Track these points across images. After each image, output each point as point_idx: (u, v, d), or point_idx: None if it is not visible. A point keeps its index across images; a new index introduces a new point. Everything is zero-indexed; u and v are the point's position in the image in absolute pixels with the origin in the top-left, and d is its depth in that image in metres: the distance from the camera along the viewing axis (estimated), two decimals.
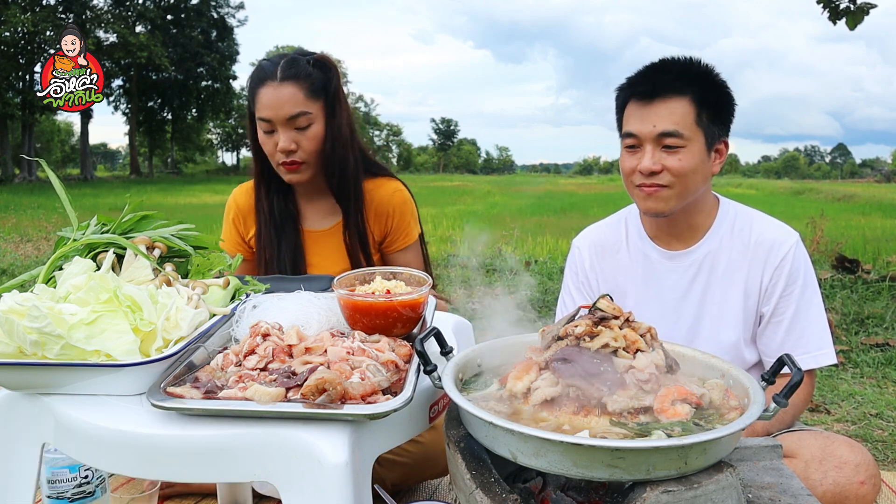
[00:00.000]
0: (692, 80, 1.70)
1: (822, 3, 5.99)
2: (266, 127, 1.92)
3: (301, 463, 0.95)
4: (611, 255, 1.95)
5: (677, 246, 1.85)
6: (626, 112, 1.76)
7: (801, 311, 1.75)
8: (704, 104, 1.69)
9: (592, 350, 1.08)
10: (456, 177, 50.93)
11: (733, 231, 1.81)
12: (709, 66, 1.74)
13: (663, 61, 1.76)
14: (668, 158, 1.68)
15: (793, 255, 1.76)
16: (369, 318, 1.25)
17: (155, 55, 39.29)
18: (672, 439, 0.93)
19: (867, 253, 7.14)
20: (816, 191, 25.62)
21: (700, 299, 1.82)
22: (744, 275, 1.78)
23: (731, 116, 1.77)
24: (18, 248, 8.52)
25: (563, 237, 9.26)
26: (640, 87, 1.72)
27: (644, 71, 1.76)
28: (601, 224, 2.03)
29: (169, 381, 1.04)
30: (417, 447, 1.85)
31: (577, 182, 43.03)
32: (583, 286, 1.99)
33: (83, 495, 1.76)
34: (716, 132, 1.73)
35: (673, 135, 1.67)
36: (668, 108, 1.68)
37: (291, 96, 1.89)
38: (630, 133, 1.73)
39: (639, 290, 1.89)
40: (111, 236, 1.37)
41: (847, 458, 1.53)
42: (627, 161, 1.76)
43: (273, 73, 1.91)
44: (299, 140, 1.91)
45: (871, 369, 3.66)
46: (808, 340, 1.74)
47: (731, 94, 1.75)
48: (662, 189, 1.70)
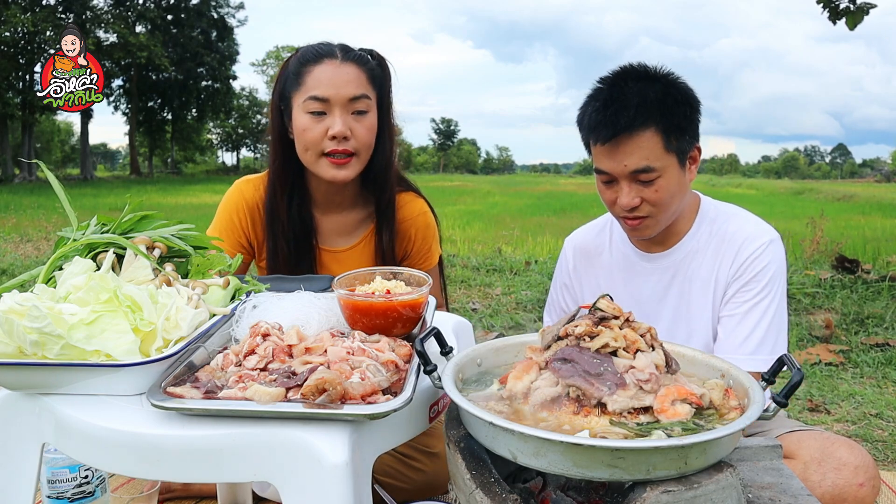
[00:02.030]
0: (653, 108, 1.61)
1: (822, 3, 6.00)
2: (318, 107, 1.72)
3: (301, 463, 0.95)
4: (594, 259, 1.96)
5: (656, 249, 1.85)
6: (593, 149, 1.70)
7: (755, 310, 1.69)
8: (670, 128, 1.62)
9: (592, 350, 1.08)
10: (456, 177, 50.94)
11: (711, 231, 1.80)
12: (668, 77, 1.67)
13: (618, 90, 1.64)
14: (644, 191, 1.66)
15: (763, 251, 1.71)
16: (369, 318, 1.25)
17: (155, 55, 39.28)
18: (672, 439, 0.93)
19: (867, 253, 7.14)
20: (816, 191, 25.62)
21: (677, 300, 1.83)
22: (714, 271, 1.76)
23: (699, 119, 1.70)
24: (18, 248, 8.52)
25: (563, 237, 9.24)
26: (602, 131, 1.63)
27: (601, 108, 1.64)
28: (588, 227, 2.04)
29: (169, 381, 1.04)
30: (420, 476, 1.82)
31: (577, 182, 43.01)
32: (565, 288, 2.03)
33: (83, 495, 1.76)
34: (685, 147, 1.68)
35: (645, 171, 1.63)
36: (636, 145, 1.61)
37: (355, 76, 1.74)
38: (601, 171, 1.70)
39: (619, 292, 1.89)
40: (111, 236, 1.37)
41: (846, 460, 1.52)
42: (606, 194, 1.74)
43: (332, 52, 1.76)
44: (354, 127, 1.74)
45: (871, 369, 3.66)
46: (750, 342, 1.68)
47: (693, 97, 1.68)
48: (645, 219, 1.70)
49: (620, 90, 1.64)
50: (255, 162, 68.97)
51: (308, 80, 1.75)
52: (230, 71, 49.92)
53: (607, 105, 1.64)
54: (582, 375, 1.04)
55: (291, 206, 1.87)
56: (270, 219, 1.89)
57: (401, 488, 1.81)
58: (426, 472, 1.83)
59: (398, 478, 1.80)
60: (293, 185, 1.86)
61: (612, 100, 1.63)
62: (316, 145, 1.75)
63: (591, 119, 1.66)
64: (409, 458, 1.82)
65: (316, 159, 1.77)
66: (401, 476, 1.81)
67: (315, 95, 1.73)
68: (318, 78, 1.73)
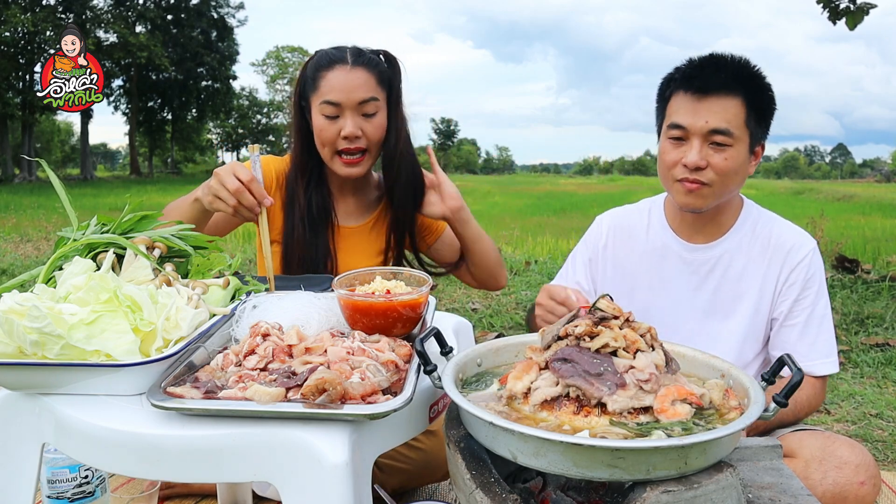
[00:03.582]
0: (745, 81, 1.69)
1: (822, 3, 5.99)
2: (331, 111, 1.87)
3: (301, 463, 0.95)
4: (629, 240, 1.94)
5: (698, 240, 1.85)
6: (673, 102, 1.74)
7: (813, 317, 1.76)
8: (753, 106, 1.69)
9: (592, 350, 1.08)
10: (456, 177, 50.89)
11: (754, 232, 1.82)
12: (759, 70, 1.73)
13: (716, 57, 1.73)
14: (714, 156, 1.67)
15: (810, 259, 1.78)
16: (369, 318, 1.25)
17: (155, 55, 39.30)
18: (672, 439, 0.93)
19: (867, 253, 7.14)
20: (816, 191, 25.62)
21: (712, 295, 1.83)
22: (760, 275, 1.79)
23: (772, 121, 1.77)
24: (18, 248, 8.52)
25: (563, 237, 9.26)
26: (695, 81, 1.70)
27: (698, 64, 1.73)
28: (627, 208, 2.03)
29: (169, 381, 1.04)
30: (418, 454, 1.84)
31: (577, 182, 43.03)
32: (590, 263, 1.99)
33: (83, 495, 1.76)
34: (759, 134, 1.73)
35: (723, 132, 1.66)
36: (722, 106, 1.67)
37: (364, 81, 1.88)
38: (678, 125, 1.70)
39: (651, 278, 1.89)
40: (111, 236, 1.37)
41: (847, 459, 1.53)
42: (670, 153, 1.73)
43: (343, 57, 1.89)
44: (364, 127, 1.88)
45: (871, 369, 3.66)
46: (819, 347, 1.76)
47: (774, 98, 1.75)
48: (703, 187, 1.70)
49: (720, 57, 1.73)
50: None
51: (322, 84, 1.88)
52: (230, 71, 49.94)
53: (706, 63, 1.72)
54: (582, 375, 1.04)
55: (309, 189, 2.01)
56: (290, 201, 2.02)
57: (400, 469, 1.82)
58: (425, 450, 1.85)
59: (397, 458, 1.81)
60: (312, 170, 2.01)
61: (712, 60, 1.72)
62: (331, 144, 1.90)
63: (686, 71, 1.74)
64: None
65: (331, 157, 1.93)
66: (399, 456, 1.81)
67: (328, 100, 1.87)
68: (330, 83, 1.87)
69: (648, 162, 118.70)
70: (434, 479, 1.94)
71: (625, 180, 47.88)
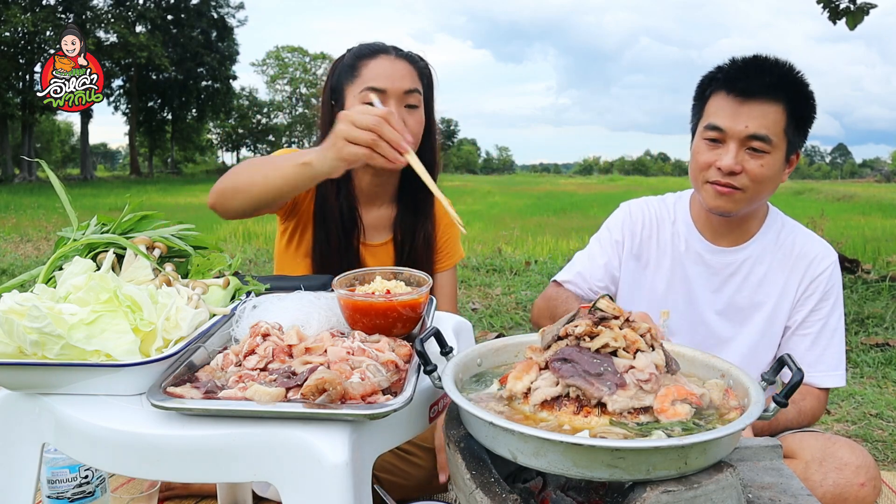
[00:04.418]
0: (787, 87, 1.65)
1: (822, 3, 5.99)
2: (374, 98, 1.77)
3: (301, 463, 0.95)
4: (656, 228, 1.92)
5: (722, 243, 1.84)
6: (712, 102, 1.70)
7: (826, 329, 1.77)
8: (794, 114, 1.66)
9: (592, 350, 1.08)
10: (456, 177, 50.90)
11: (778, 240, 1.82)
12: (802, 76, 1.70)
13: (760, 60, 1.69)
14: (750, 161, 1.65)
15: (830, 272, 1.78)
16: (369, 318, 1.25)
17: (155, 55, 39.30)
18: (672, 439, 0.93)
19: (867, 253, 7.14)
20: (816, 191, 25.61)
21: (731, 297, 1.83)
22: (781, 283, 1.79)
23: (810, 129, 1.74)
24: (18, 248, 8.52)
25: (563, 237, 9.26)
26: (739, 84, 1.66)
27: (742, 66, 1.69)
28: (651, 199, 2.00)
29: (169, 381, 1.04)
30: (419, 471, 1.83)
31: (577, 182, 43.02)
32: (617, 245, 1.94)
33: (83, 495, 1.76)
34: (796, 143, 1.70)
35: (762, 139, 1.63)
36: (763, 111, 1.63)
37: (409, 71, 1.82)
38: (716, 126, 1.67)
39: (673, 272, 1.88)
40: (111, 236, 1.37)
41: (847, 460, 1.53)
42: (705, 154, 1.70)
43: (386, 48, 1.84)
44: (406, 120, 1.78)
45: (871, 369, 3.66)
46: (827, 359, 1.76)
47: (815, 107, 1.71)
48: (736, 192, 1.67)
49: (765, 60, 1.69)
50: None
51: (364, 72, 1.81)
52: (230, 71, 49.95)
53: (749, 65, 1.68)
54: (582, 375, 1.04)
55: (339, 199, 1.93)
56: (321, 213, 1.94)
57: (399, 484, 1.81)
58: (424, 467, 1.83)
59: (396, 473, 1.81)
60: (340, 180, 1.89)
61: (756, 63, 1.68)
62: None
63: (731, 71, 1.69)
64: (408, 454, 1.82)
65: None
66: (399, 472, 1.81)
67: (373, 86, 1.78)
68: (374, 70, 1.80)
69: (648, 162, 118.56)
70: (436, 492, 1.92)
71: (625, 180, 47.89)
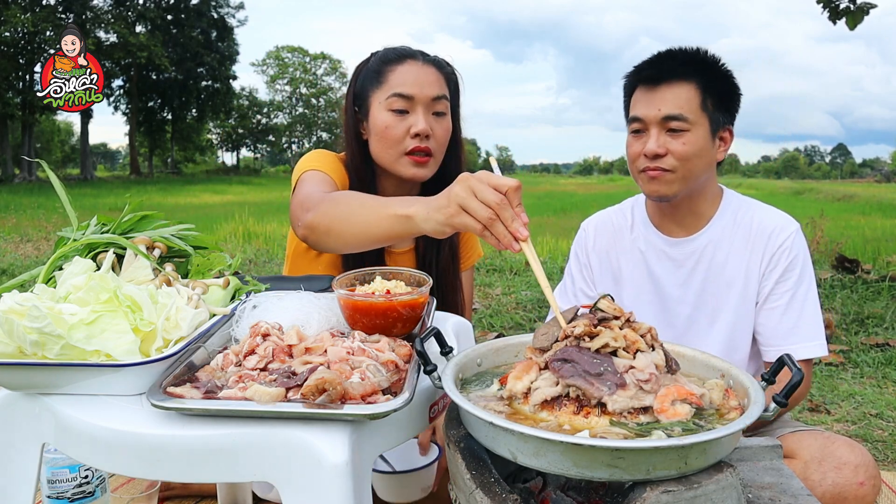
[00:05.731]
0: (698, 67, 1.74)
1: (822, 3, 5.99)
2: (402, 105, 1.74)
3: (301, 463, 0.95)
4: (615, 239, 1.97)
5: (679, 233, 1.87)
6: (633, 97, 1.80)
7: (796, 299, 1.76)
8: (709, 90, 1.72)
9: (592, 350, 1.08)
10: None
11: (735, 220, 1.83)
12: (715, 56, 1.78)
13: (670, 50, 1.80)
14: (672, 142, 1.71)
15: (792, 241, 1.78)
16: (369, 318, 1.25)
17: (155, 55, 39.29)
18: (672, 439, 0.93)
19: (867, 253, 7.14)
20: (816, 191, 25.62)
21: (701, 286, 1.84)
22: (744, 262, 1.80)
23: (737, 105, 1.80)
24: (18, 248, 8.52)
25: (563, 237, 9.25)
26: (646, 72, 1.76)
27: (651, 58, 1.80)
28: (609, 210, 2.06)
29: (169, 381, 1.04)
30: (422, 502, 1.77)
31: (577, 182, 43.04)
32: (584, 268, 2.02)
33: (83, 495, 1.76)
34: (720, 119, 1.75)
35: (677, 118, 1.70)
36: (674, 93, 1.71)
37: (436, 78, 1.79)
38: (636, 117, 1.76)
39: (640, 276, 1.91)
40: (111, 236, 1.37)
41: (846, 459, 1.53)
42: (633, 146, 1.78)
43: (413, 53, 1.80)
44: (434, 127, 1.76)
45: (871, 369, 3.66)
46: (802, 330, 1.74)
47: (735, 84, 1.78)
48: (666, 173, 1.73)
49: (672, 49, 1.80)
50: (255, 162, 69.01)
51: (391, 77, 1.77)
52: (230, 71, 49.94)
53: (659, 55, 1.80)
54: (582, 375, 1.04)
55: None
56: None
57: None
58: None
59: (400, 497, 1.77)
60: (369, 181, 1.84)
61: (666, 53, 1.80)
62: (398, 143, 1.75)
63: (641, 64, 1.80)
64: None
65: (397, 157, 1.77)
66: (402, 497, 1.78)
67: (400, 92, 1.74)
68: (402, 76, 1.76)
69: None
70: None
71: (625, 180, 47.85)
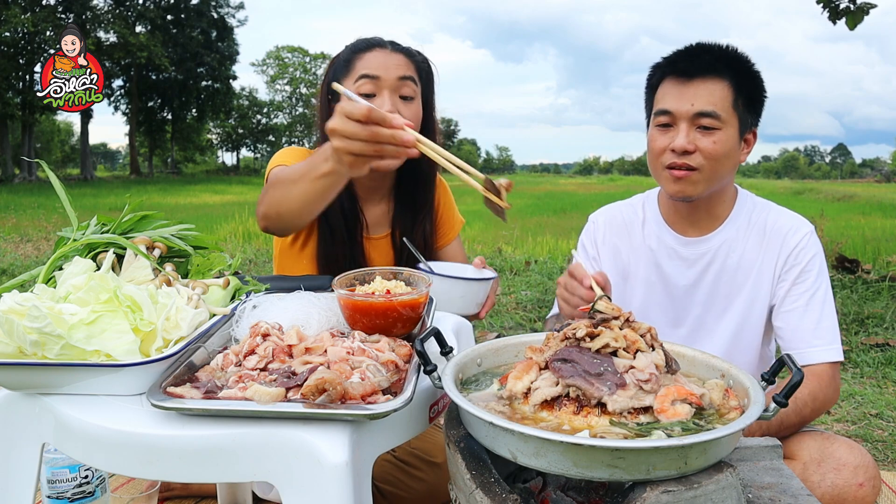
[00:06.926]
0: (731, 64, 1.69)
1: (822, 3, 5.99)
2: (368, 88, 1.79)
3: (301, 463, 0.95)
4: (625, 234, 1.93)
5: (693, 233, 1.83)
6: (660, 90, 1.74)
7: (815, 301, 1.73)
8: (741, 90, 1.68)
9: (593, 350, 1.08)
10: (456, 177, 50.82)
11: (750, 222, 1.81)
12: (745, 55, 1.73)
13: (701, 44, 1.74)
14: (702, 139, 1.66)
15: (807, 242, 1.76)
16: (369, 318, 1.25)
17: (155, 55, 39.30)
18: (672, 439, 0.93)
19: (867, 253, 7.13)
20: (816, 191, 25.61)
21: (712, 287, 1.81)
22: (758, 263, 1.78)
23: (762, 107, 1.76)
24: (18, 248, 8.52)
25: (563, 237, 9.26)
26: (680, 65, 1.71)
27: (683, 50, 1.74)
28: (620, 203, 2.02)
29: (169, 381, 1.04)
30: (421, 485, 1.81)
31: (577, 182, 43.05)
32: (593, 261, 1.97)
33: (83, 495, 1.76)
34: (748, 120, 1.72)
35: (710, 115, 1.65)
36: (707, 89, 1.66)
37: (404, 62, 1.84)
38: (665, 111, 1.70)
39: (649, 273, 1.88)
40: (111, 236, 1.37)
41: (846, 460, 1.52)
42: (659, 140, 1.72)
43: (382, 42, 1.86)
44: (401, 110, 1.80)
45: (871, 369, 3.66)
46: (822, 333, 1.71)
47: (763, 86, 1.75)
48: (692, 172, 1.68)
49: (706, 43, 1.75)
50: (255, 162, 68.98)
51: (358, 64, 1.83)
52: (230, 71, 49.94)
53: (691, 48, 1.74)
54: (582, 375, 1.04)
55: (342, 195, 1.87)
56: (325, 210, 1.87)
57: (400, 497, 1.80)
58: (426, 481, 1.81)
59: (398, 486, 1.79)
60: None
61: (698, 46, 1.74)
62: None
63: (673, 56, 1.75)
64: (410, 467, 1.81)
65: None
66: (401, 484, 1.79)
67: (365, 73, 1.80)
68: (368, 61, 1.82)
69: None
70: None
71: (625, 180, 47.86)
